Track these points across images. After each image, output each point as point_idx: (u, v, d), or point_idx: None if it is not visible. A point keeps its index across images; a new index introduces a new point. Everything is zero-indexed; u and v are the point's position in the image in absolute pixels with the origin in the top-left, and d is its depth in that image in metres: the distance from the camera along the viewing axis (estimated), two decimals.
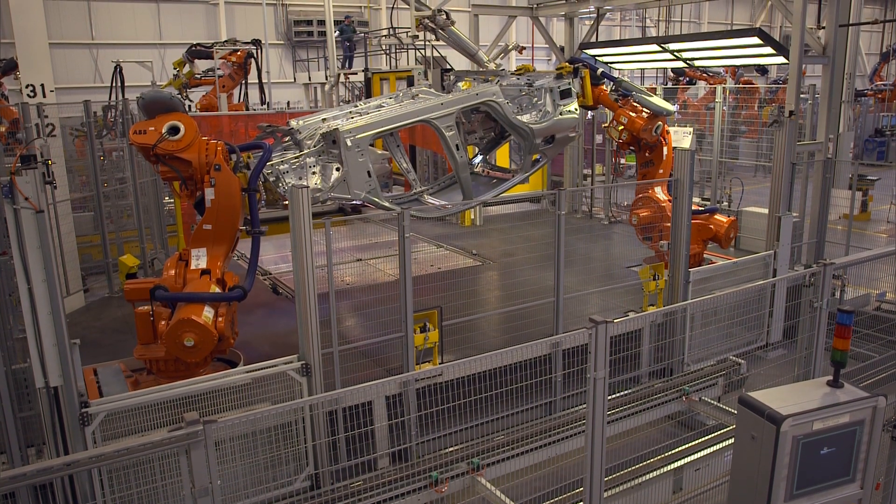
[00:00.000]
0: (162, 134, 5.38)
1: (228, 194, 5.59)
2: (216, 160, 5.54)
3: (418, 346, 6.03)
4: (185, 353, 5.32)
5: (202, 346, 5.30)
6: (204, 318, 5.29)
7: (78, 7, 17.51)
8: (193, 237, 5.71)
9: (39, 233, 4.32)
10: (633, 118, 8.51)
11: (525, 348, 4.37)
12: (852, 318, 3.70)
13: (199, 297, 5.41)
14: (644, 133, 8.44)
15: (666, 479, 5.57)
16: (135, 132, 5.44)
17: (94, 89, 15.94)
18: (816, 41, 9.65)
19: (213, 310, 5.39)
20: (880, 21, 14.28)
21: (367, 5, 21.17)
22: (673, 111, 9.28)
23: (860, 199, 13.79)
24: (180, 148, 5.43)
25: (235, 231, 5.78)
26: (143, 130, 5.40)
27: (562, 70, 7.97)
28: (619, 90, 8.62)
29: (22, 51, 8.59)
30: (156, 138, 5.37)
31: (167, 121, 5.43)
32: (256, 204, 5.83)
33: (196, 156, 5.49)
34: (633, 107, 8.56)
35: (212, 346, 5.34)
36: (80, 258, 9.19)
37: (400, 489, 5.21)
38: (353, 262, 9.81)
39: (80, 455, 3.68)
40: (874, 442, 3.40)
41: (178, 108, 5.58)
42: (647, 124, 8.42)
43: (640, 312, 7.54)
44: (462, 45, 8.95)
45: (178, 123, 5.44)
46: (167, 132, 5.40)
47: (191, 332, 5.25)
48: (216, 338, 5.32)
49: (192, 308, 5.34)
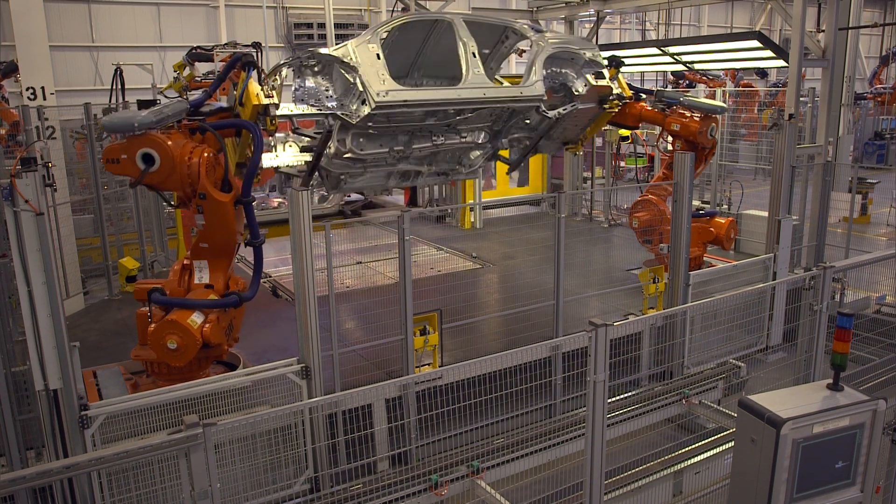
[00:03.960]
0: (141, 171, 5.01)
1: (219, 218, 5.38)
2: (200, 187, 5.15)
3: (418, 349, 6.03)
4: (169, 355, 5.31)
5: (185, 350, 5.27)
6: (190, 321, 5.26)
7: (78, 10, 17.53)
8: (193, 250, 5.70)
9: (39, 235, 4.33)
10: (686, 122, 8.33)
11: (525, 351, 4.37)
12: (852, 321, 3.70)
13: (192, 303, 5.41)
14: (700, 136, 8.28)
15: (666, 482, 5.56)
16: (108, 161, 5.04)
17: (95, 92, 15.94)
18: (816, 44, 9.67)
19: (203, 316, 5.35)
20: (880, 24, 14.30)
21: (367, 8, 21.19)
22: (725, 108, 9.12)
23: (860, 203, 13.78)
24: (161, 181, 5.18)
25: (234, 244, 5.68)
26: (116, 159, 5.00)
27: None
28: (663, 101, 8.50)
29: (22, 53, 8.60)
30: (130, 168, 5.01)
31: (139, 146, 4.98)
32: (253, 214, 5.59)
33: (179, 185, 5.20)
34: (680, 113, 8.43)
35: (194, 351, 5.29)
36: (80, 261, 9.18)
37: (400, 492, 5.20)
38: (353, 264, 9.81)
39: (79, 458, 3.68)
40: (874, 445, 3.39)
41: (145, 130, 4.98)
42: (702, 126, 8.27)
43: (639, 315, 7.54)
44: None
45: (151, 151, 4.98)
46: (141, 160, 4.99)
47: (174, 335, 5.25)
48: (199, 343, 5.26)
49: (182, 312, 5.34)
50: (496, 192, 14.11)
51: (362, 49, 6.24)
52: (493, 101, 7.00)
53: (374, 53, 6.30)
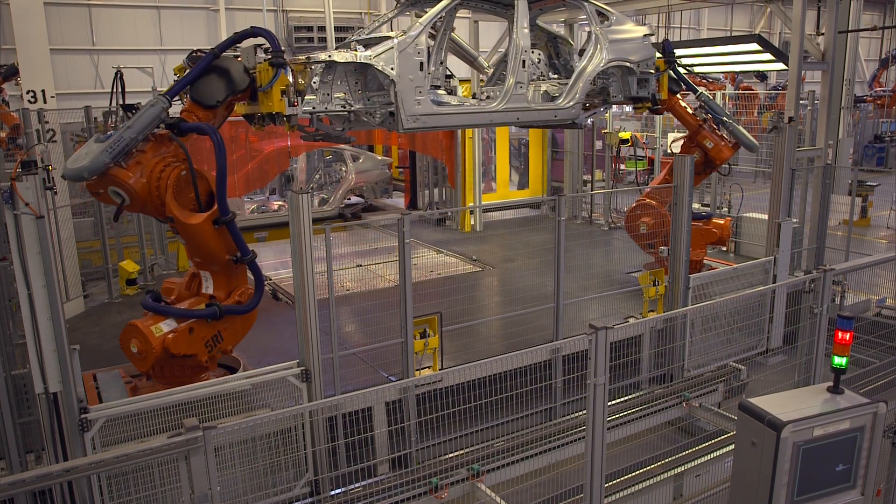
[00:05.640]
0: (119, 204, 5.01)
1: (196, 239, 5.30)
2: (167, 210, 5.07)
3: (418, 352, 6.02)
4: (133, 359, 5.35)
5: (144, 356, 5.28)
6: (154, 328, 5.26)
7: (79, 13, 17.53)
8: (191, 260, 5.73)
9: (40, 238, 4.33)
10: (721, 147, 8.38)
11: (525, 354, 4.37)
12: (852, 323, 3.69)
13: (169, 310, 5.42)
14: (723, 161, 8.36)
15: (666, 485, 5.55)
16: (94, 193, 5.10)
17: (95, 95, 15.93)
18: (816, 47, 9.68)
19: (173, 325, 5.31)
20: (879, 27, 14.29)
21: (367, 11, 21.21)
22: (758, 147, 9.09)
23: (860, 205, 13.79)
24: (139, 210, 5.25)
25: (222, 261, 5.51)
26: (98, 192, 5.04)
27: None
28: (707, 110, 8.43)
29: (23, 56, 8.62)
30: (111, 200, 5.04)
31: (107, 183, 4.94)
32: (237, 231, 5.38)
33: (155, 212, 5.18)
34: (720, 135, 8.40)
35: (152, 359, 5.26)
36: (80, 264, 9.18)
37: (400, 495, 5.19)
38: (353, 267, 9.82)
39: (79, 461, 3.67)
40: (875, 448, 3.39)
41: (104, 169, 4.83)
42: (732, 154, 8.33)
43: (640, 318, 7.54)
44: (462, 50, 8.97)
45: (117, 189, 4.97)
46: (114, 195, 4.99)
47: (136, 339, 5.28)
48: (156, 352, 5.23)
49: (153, 317, 5.35)
50: (496, 195, 14.13)
51: (405, 58, 5.86)
52: (525, 123, 6.98)
53: (418, 63, 5.93)
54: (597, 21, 7.18)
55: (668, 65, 7.64)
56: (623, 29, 7.30)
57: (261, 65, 5.32)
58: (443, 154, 12.97)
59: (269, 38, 5.31)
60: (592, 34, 7.14)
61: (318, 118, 6.01)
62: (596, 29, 7.13)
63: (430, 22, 6.13)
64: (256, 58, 5.36)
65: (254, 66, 5.36)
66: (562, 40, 7.84)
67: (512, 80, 6.61)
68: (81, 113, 9.67)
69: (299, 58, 5.64)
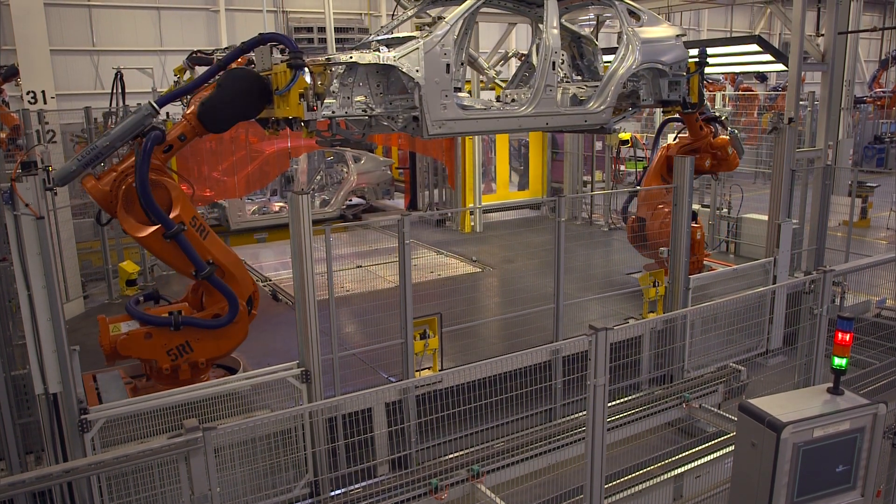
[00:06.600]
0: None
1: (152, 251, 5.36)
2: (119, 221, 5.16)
3: (418, 353, 6.02)
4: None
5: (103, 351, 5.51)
6: (112, 327, 5.46)
7: (79, 13, 17.54)
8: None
9: (39, 239, 4.32)
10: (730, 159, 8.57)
11: (525, 355, 4.36)
12: (852, 324, 3.70)
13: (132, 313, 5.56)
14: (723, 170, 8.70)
15: (666, 486, 5.55)
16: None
17: (95, 96, 15.94)
18: (815, 48, 9.69)
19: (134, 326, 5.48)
20: (879, 28, 14.30)
21: (367, 12, 21.21)
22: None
23: (860, 206, 13.79)
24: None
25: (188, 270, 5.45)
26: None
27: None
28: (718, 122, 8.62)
29: (23, 57, 8.62)
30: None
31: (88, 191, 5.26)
32: (187, 245, 5.25)
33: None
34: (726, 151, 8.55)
35: (105, 354, 5.49)
36: (80, 264, 9.18)
37: (400, 496, 5.19)
38: (354, 268, 9.82)
39: (79, 462, 3.68)
40: (875, 449, 3.39)
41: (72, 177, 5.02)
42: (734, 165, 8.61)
43: (640, 319, 7.54)
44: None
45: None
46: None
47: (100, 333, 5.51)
48: (106, 349, 5.43)
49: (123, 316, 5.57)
50: (496, 196, 14.13)
51: (431, 60, 5.56)
52: (555, 128, 6.85)
53: (444, 64, 5.62)
54: (628, 21, 6.93)
55: (698, 66, 7.37)
56: (655, 29, 7.03)
57: (277, 66, 5.09)
58: (443, 155, 12.97)
59: (285, 42, 5.11)
60: (623, 35, 6.88)
61: (336, 123, 5.71)
62: (627, 29, 6.88)
63: (457, 20, 5.85)
64: (273, 59, 5.15)
65: (270, 68, 5.16)
66: (586, 40, 7.68)
67: (542, 82, 6.34)
68: (81, 114, 9.68)
69: (319, 59, 5.38)
